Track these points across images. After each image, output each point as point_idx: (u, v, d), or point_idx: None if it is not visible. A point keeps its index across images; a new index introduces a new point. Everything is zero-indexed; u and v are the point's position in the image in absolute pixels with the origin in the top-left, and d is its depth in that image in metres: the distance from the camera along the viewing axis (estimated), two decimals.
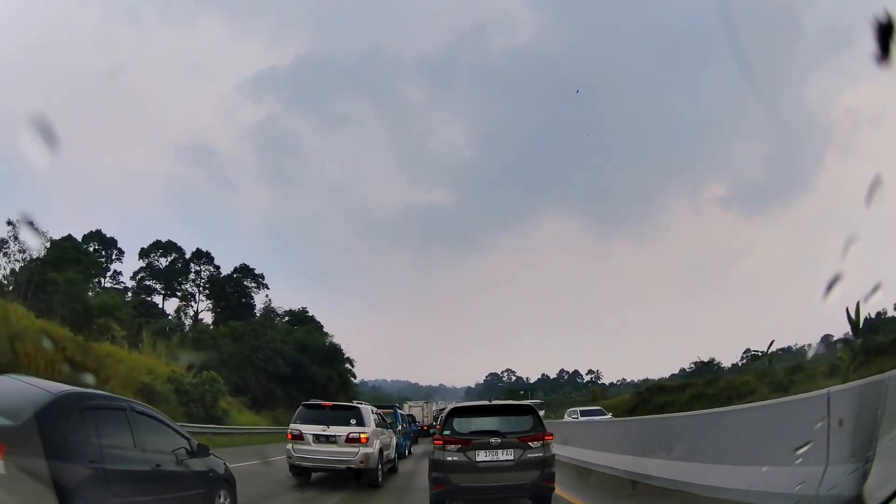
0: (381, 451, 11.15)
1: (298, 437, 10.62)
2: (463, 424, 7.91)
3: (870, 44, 2.63)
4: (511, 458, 7.44)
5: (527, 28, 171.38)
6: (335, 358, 55.60)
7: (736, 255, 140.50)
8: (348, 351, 58.06)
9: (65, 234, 45.76)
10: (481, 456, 7.44)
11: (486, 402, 8.95)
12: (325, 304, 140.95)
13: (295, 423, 10.89)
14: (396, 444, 14.89)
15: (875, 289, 3.77)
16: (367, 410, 11.52)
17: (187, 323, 54.96)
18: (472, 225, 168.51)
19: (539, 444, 7.55)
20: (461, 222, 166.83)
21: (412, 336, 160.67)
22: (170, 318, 54.22)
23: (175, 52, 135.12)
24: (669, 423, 10.02)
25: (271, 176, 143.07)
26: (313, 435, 10.54)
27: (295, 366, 46.07)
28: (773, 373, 27.08)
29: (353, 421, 10.66)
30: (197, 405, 24.91)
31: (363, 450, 10.42)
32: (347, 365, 58.39)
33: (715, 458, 7.16)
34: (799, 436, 5.29)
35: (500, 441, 7.48)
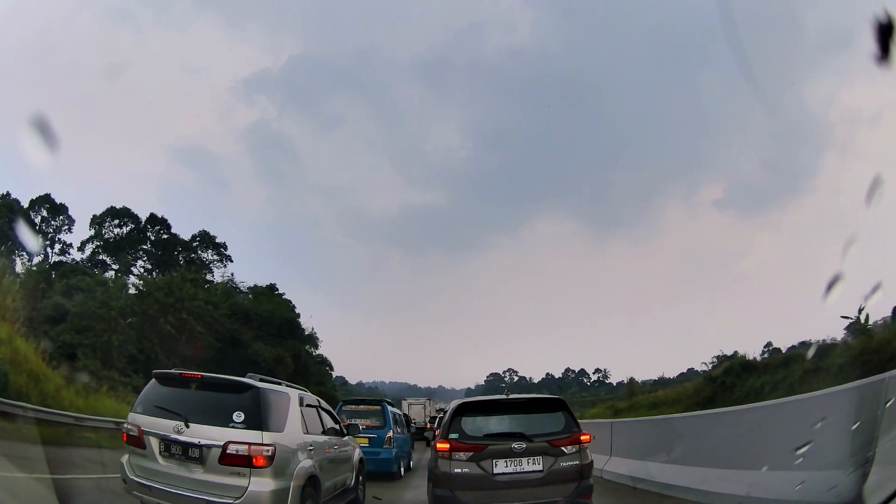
0: (309, 483, 5.80)
1: (136, 442, 5.44)
2: (474, 425, 6.27)
3: (870, 44, 2.63)
4: (539, 468, 5.89)
5: (523, 27, 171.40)
6: (292, 334, 41.88)
7: (734, 255, 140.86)
8: (313, 328, 45.39)
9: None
10: (500, 467, 5.88)
11: (503, 397, 7.07)
12: (321, 305, 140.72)
13: (135, 410, 5.66)
14: (378, 458, 11.10)
15: (875, 289, 3.78)
16: (282, 398, 6.00)
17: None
18: (469, 226, 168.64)
19: (574, 449, 6.03)
20: (457, 224, 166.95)
21: (410, 337, 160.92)
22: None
23: (169, 54, 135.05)
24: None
25: (266, 177, 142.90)
26: (160, 440, 5.32)
27: (230, 341, 33.44)
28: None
29: (238, 416, 5.28)
30: None
31: (257, 484, 5.11)
32: (311, 348, 45.18)
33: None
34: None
35: (524, 447, 5.89)
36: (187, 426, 5.25)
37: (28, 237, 40.20)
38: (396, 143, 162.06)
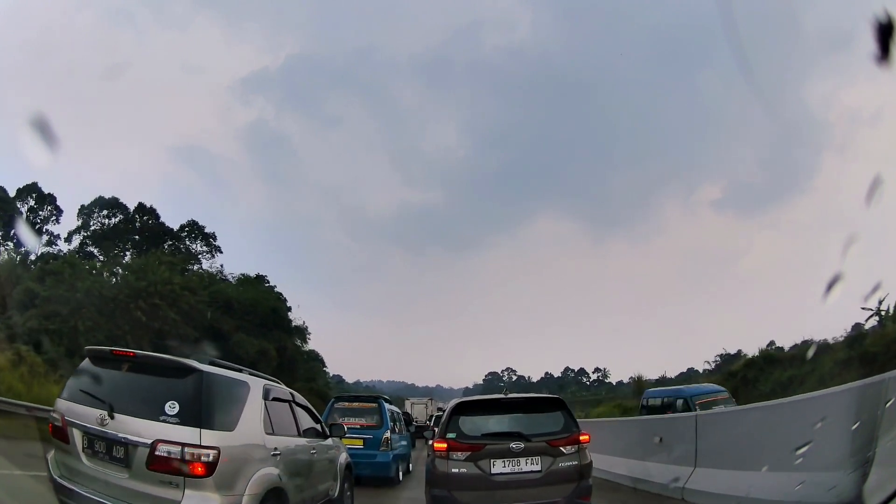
0: (271, 496, 4.55)
1: (60, 434, 4.39)
2: (472, 425, 6.23)
3: (870, 44, 2.63)
4: (538, 468, 5.84)
5: (522, 27, 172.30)
6: (278, 325, 38.12)
7: (733, 255, 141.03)
8: (303, 321, 41.75)
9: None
10: (498, 467, 5.83)
11: (501, 396, 7.00)
12: (320, 304, 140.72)
13: (62, 395, 4.57)
14: (374, 462, 10.13)
15: (875, 289, 3.78)
16: (237, 388, 4.77)
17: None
18: (468, 225, 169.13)
19: (573, 449, 5.98)
20: (456, 222, 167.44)
21: (409, 337, 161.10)
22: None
23: (169, 54, 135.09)
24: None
25: (264, 177, 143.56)
26: (84, 433, 4.24)
27: (209, 330, 30.68)
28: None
29: (171, 407, 4.09)
30: None
31: (193, 498, 3.93)
32: (300, 342, 41.68)
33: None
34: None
35: (522, 447, 5.84)
36: (111, 417, 4.08)
37: (16, 227, 39.02)
38: (395, 142, 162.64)
